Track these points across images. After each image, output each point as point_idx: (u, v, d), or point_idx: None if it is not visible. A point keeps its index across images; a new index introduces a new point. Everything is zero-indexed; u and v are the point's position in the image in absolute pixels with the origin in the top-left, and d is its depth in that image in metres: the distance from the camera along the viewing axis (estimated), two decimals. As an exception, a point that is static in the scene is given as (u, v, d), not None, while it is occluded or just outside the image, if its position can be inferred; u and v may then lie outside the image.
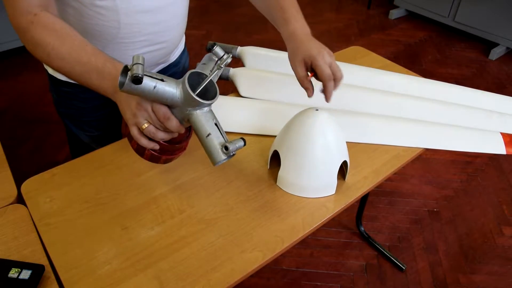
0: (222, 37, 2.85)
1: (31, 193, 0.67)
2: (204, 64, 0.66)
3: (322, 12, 3.33)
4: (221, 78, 0.94)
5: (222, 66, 0.58)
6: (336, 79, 0.67)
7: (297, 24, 0.71)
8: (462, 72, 2.55)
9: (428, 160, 1.87)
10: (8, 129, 1.95)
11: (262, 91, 0.91)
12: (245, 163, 0.75)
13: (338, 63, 1.03)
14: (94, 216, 0.64)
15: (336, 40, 2.87)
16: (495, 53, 2.66)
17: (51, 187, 0.68)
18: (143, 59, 0.52)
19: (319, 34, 2.78)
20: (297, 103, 0.87)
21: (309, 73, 0.68)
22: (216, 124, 0.57)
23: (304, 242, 1.47)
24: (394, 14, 3.23)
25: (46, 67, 0.80)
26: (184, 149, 0.64)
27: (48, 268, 0.56)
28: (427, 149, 0.83)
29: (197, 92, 0.54)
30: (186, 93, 0.54)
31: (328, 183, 0.69)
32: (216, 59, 0.60)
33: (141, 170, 0.72)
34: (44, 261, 0.58)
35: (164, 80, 0.54)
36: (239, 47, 1.00)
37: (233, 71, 0.93)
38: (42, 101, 2.15)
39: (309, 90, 0.68)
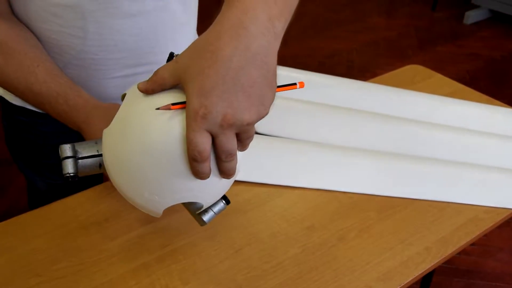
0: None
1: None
2: None
3: (366, 16, 3.35)
4: None
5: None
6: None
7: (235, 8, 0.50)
8: None
9: (524, 228, 1.87)
10: None
11: (282, 126, 0.95)
12: (261, 223, 0.78)
13: (388, 88, 1.09)
14: (48, 295, 0.66)
15: (386, 55, 2.87)
16: None
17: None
18: (72, 147, 0.60)
19: (362, 47, 2.82)
20: (329, 142, 0.92)
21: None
22: None
23: None
24: (471, 16, 3.20)
25: None
26: None
27: None
28: (519, 211, 0.84)
29: None
30: None
31: None
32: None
33: (117, 232, 0.75)
34: None
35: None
36: None
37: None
38: None
39: None
